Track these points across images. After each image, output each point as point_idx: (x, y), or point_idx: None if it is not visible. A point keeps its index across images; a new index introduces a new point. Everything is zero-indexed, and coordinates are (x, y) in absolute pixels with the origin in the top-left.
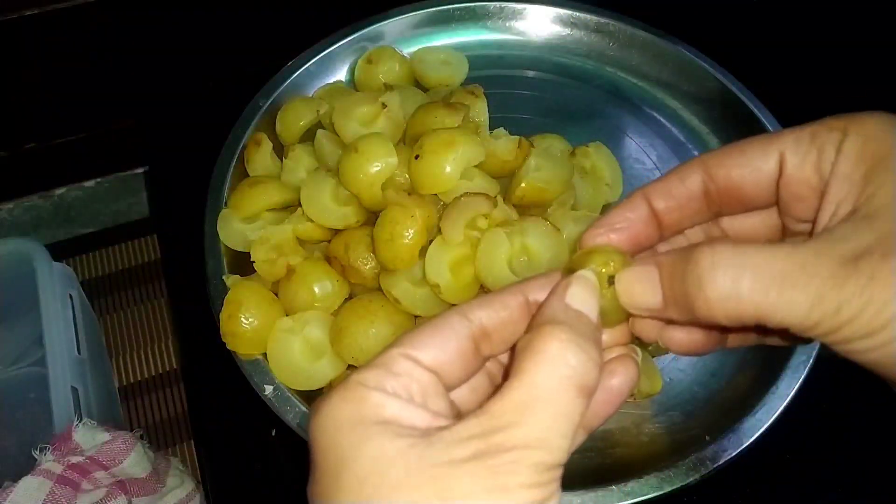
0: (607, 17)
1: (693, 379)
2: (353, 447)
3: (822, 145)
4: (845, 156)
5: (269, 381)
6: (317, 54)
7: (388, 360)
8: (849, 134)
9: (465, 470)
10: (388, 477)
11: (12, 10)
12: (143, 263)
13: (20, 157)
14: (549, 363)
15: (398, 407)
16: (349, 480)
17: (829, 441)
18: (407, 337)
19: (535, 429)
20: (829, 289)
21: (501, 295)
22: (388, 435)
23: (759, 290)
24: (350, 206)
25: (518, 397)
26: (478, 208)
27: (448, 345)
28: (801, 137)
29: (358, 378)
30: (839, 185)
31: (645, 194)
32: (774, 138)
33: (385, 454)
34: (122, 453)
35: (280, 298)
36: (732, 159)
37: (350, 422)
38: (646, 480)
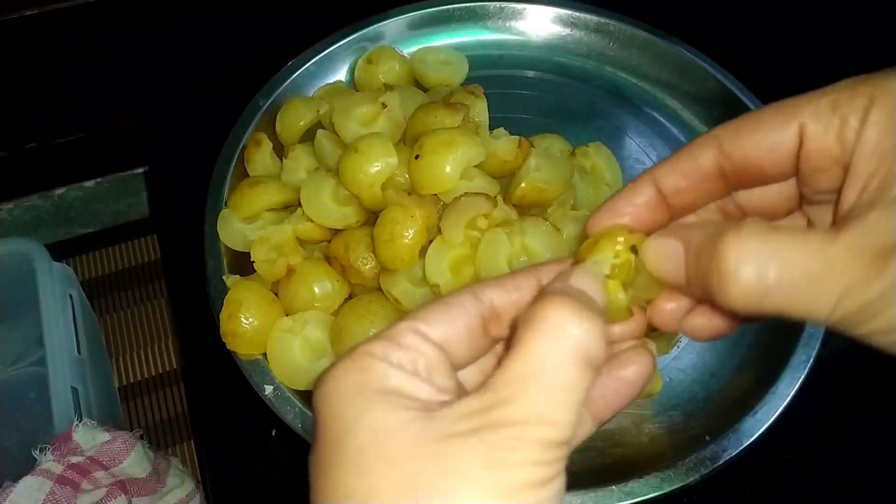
0: (607, 17)
1: (693, 379)
2: (355, 416)
3: (845, 114)
4: (872, 126)
5: (269, 381)
6: (317, 54)
7: (395, 333)
8: (876, 100)
9: (466, 445)
10: (387, 448)
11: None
12: (143, 263)
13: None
14: (550, 332)
15: (402, 378)
16: (349, 451)
17: (829, 441)
18: (417, 311)
19: (538, 402)
20: (857, 287)
21: (514, 277)
22: (389, 406)
23: (784, 289)
24: (350, 206)
25: (519, 369)
26: (478, 208)
27: (457, 322)
28: (822, 106)
29: (364, 348)
30: (867, 159)
31: (653, 177)
32: (792, 109)
33: (386, 425)
34: (122, 453)
35: (280, 298)
36: (747, 135)
37: (353, 390)
38: (646, 480)
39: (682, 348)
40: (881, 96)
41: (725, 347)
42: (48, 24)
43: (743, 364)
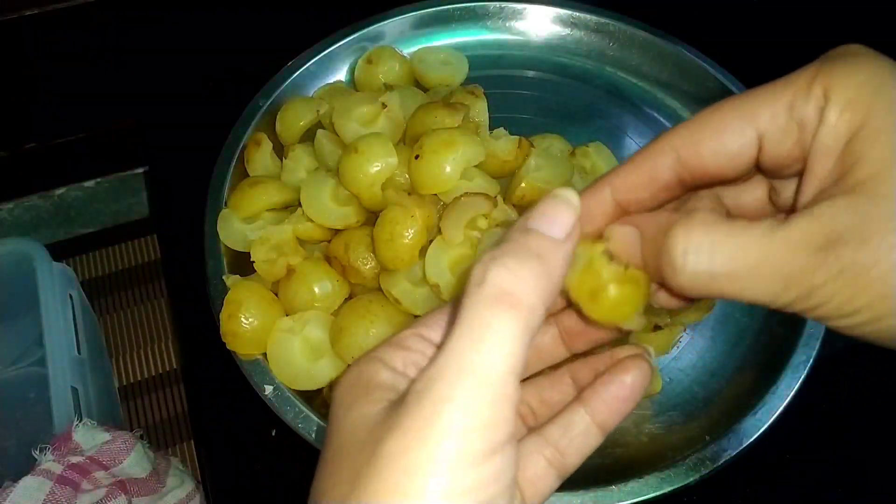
0: (607, 17)
1: (693, 379)
2: (343, 411)
3: (802, 118)
4: (827, 127)
5: (269, 381)
6: (317, 54)
7: (400, 339)
8: (830, 98)
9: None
10: (357, 436)
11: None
12: (143, 263)
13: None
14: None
15: (391, 375)
16: (336, 442)
17: (829, 441)
18: (420, 320)
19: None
20: (799, 277)
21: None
22: (372, 399)
23: (728, 277)
24: (350, 206)
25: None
26: (478, 208)
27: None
28: (779, 111)
29: (372, 352)
30: (822, 161)
31: (609, 187)
32: (749, 114)
33: (360, 414)
34: (122, 453)
35: (280, 298)
36: (705, 143)
37: (346, 387)
38: (646, 480)
39: (682, 348)
40: (836, 95)
41: (725, 347)
42: (48, 24)
43: (743, 364)
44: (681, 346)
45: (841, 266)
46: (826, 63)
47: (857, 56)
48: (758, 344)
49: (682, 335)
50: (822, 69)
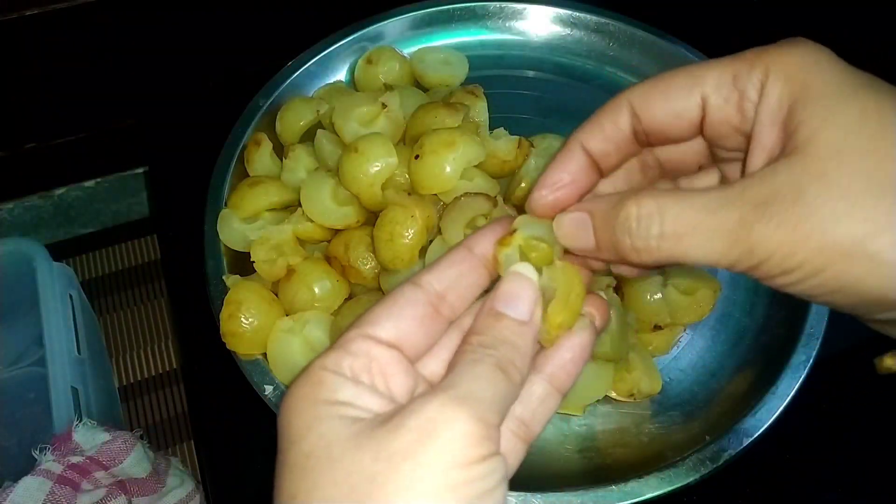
0: (607, 17)
1: (693, 379)
2: (306, 426)
3: (744, 87)
4: (768, 98)
5: (269, 381)
6: (317, 54)
7: (345, 342)
8: (770, 73)
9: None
10: (331, 451)
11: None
12: (143, 263)
13: (20, 157)
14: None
15: (352, 391)
16: (297, 456)
17: (829, 441)
18: (363, 316)
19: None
20: (740, 233)
21: (447, 256)
22: (337, 417)
23: (677, 236)
24: (350, 206)
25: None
26: (478, 208)
27: (405, 315)
28: (723, 79)
29: (318, 362)
30: (766, 131)
31: (581, 141)
32: (697, 79)
33: (332, 433)
34: (122, 453)
35: (280, 298)
36: (655, 101)
37: (305, 403)
38: (646, 480)
39: (682, 348)
40: (775, 68)
41: (725, 347)
42: (48, 24)
43: (743, 364)
44: (681, 346)
45: (778, 219)
46: (772, 48)
47: (799, 42)
48: (758, 344)
49: (682, 335)
50: (765, 50)
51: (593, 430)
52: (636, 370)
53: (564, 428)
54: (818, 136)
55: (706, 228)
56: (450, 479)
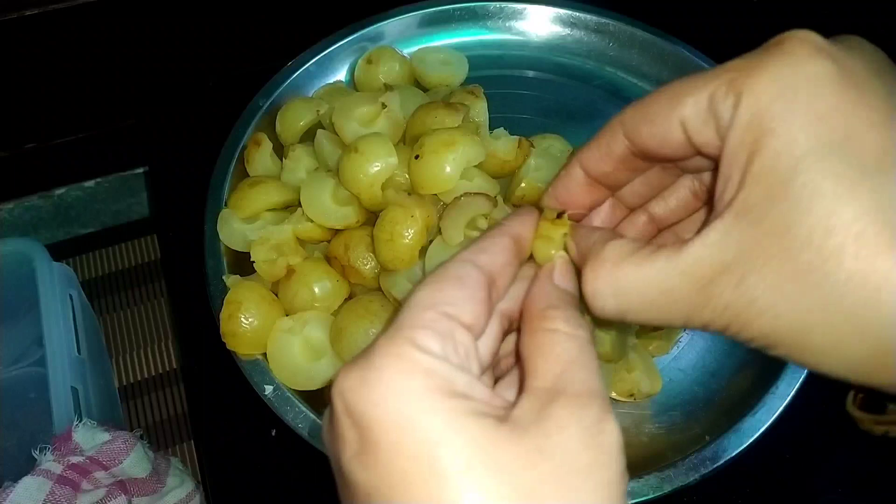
0: (607, 17)
1: (693, 379)
2: (440, 430)
3: (719, 113)
4: (735, 129)
5: (269, 381)
6: (317, 54)
7: (429, 321)
8: (741, 100)
9: (555, 440)
10: (489, 459)
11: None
12: (143, 263)
13: (20, 157)
14: (567, 338)
15: (463, 379)
16: (442, 466)
17: (829, 441)
18: (434, 295)
19: (582, 382)
20: (693, 311)
21: (495, 240)
22: (474, 415)
23: (634, 312)
24: (350, 206)
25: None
26: (478, 208)
27: (477, 297)
28: (700, 103)
29: (407, 337)
30: (727, 162)
31: (580, 162)
32: (675, 102)
33: (481, 435)
34: (122, 453)
35: (280, 298)
36: (641, 126)
37: (423, 398)
38: (646, 480)
39: (682, 348)
40: (747, 94)
41: (725, 347)
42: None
43: (743, 364)
44: (681, 346)
45: (724, 303)
46: (758, 57)
47: (792, 55)
48: None
49: (682, 335)
50: (749, 65)
51: None
52: (636, 370)
53: None
54: (766, 205)
55: (662, 307)
56: (613, 489)
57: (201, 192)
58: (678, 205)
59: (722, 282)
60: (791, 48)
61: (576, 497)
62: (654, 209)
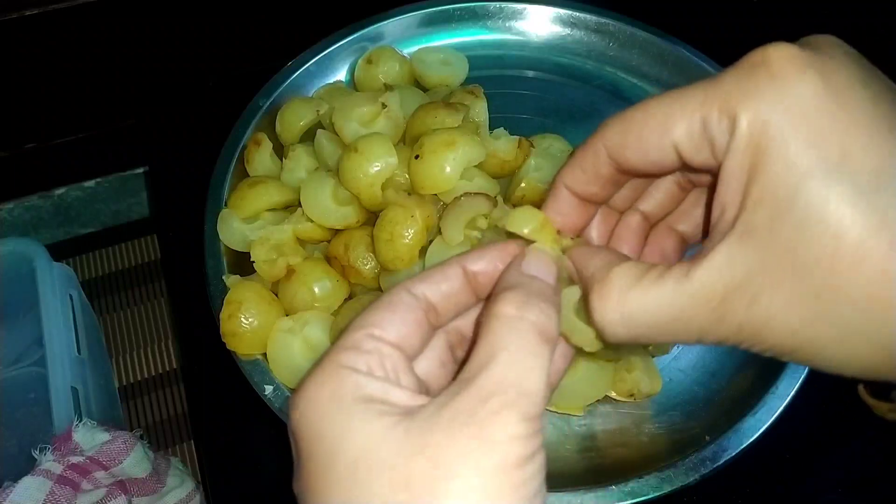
0: (607, 17)
1: (693, 379)
2: (340, 431)
3: (714, 136)
4: (732, 153)
5: (269, 381)
6: (317, 54)
7: (355, 341)
8: (738, 123)
9: (452, 432)
10: (378, 455)
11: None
12: (143, 263)
13: (20, 157)
14: (508, 322)
15: (377, 385)
16: (339, 466)
17: (829, 441)
18: (364, 318)
19: (509, 374)
20: (706, 331)
21: (441, 269)
22: (372, 413)
23: (645, 336)
24: (350, 206)
25: (485, 352)
26: (478, 208)
27: (406, 320)
28: (693, 126)
29: (332, 360)
30: (726, 184)
31: (564, 183)
32: (667, 127)
33: (373, 433)
34: (122, 453)
35: (280, 298)
36: (630, 151)
37: (332, 405)
38: (646, 480)
39: (682, 348)
40: (744, 115)
41: (725, 347)
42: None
43: (743, 364)
44: (681, 346)
45: (738, 322)
46: (746, 80)
47: (779, 77)
48: None
49: None
50: (739, 88)
51: (593, 430)
52: (636, 370)
53: (564, 428)
54: (774, 225)
55: (674, 331)
56: (504, 482)
57: (201, 192)
58: (665, 197)
59: (734, 301)
60: (779, 68)
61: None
62: (644, 207)
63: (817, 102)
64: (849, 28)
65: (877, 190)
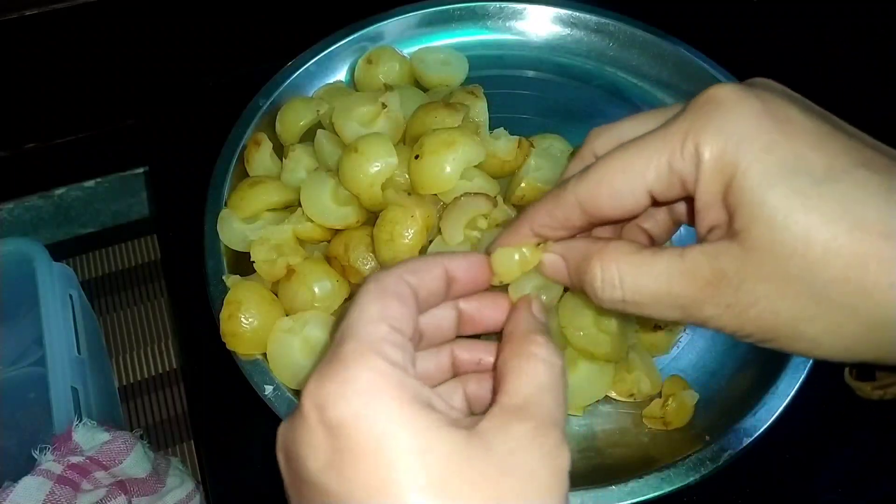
0: (607, 17)
1: (693, 379)
2: (418, 440)
3: (681, 174)
4: (703, 186)
5: (269, 381)
6: (317, 54)
7: (388, 335)
8: (702, 158)
9: (526, 458)
10: (470, 468)
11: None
12: (143, 263)
13: (20, 157)
14: (547, 365)
15: (428, 393)
16: (416, 469)
17: (829, 441)
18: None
19: (554, 408)
20: (694, 307)
21: (426, 265)
22: (444, 427)
23: (636, 304)
24: (350, 206)
25: (532, 385)
26: (478, 208)
27: (413, 315)
28: (661, 171)
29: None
30: (707, 210)
31: (532, 230)
32: (638, 177)
33: (454, 444)
34: (122, 453)
35: (280, 298)
36: (605, 203)
37: (401, 411)
38: (646, 480)
39: (682, 348)
40: (705, 150)
41: (725, 347)
42: (48, 24)
43: (743, 364)
44: (681, 346)
45: (726, 302)
46: (697, 116)
47: (724, 105)
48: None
49: (682, 335)
50: (693, 125)
51: (593, 430)
52: (636, 370)
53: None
54: (752, 228)
55: (663, 302)
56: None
57: (201, 192)
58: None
59: (722, 284)
60: (723, 100)
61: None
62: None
63: (763, 120)
64: (849, 28)
65: (833, 181)
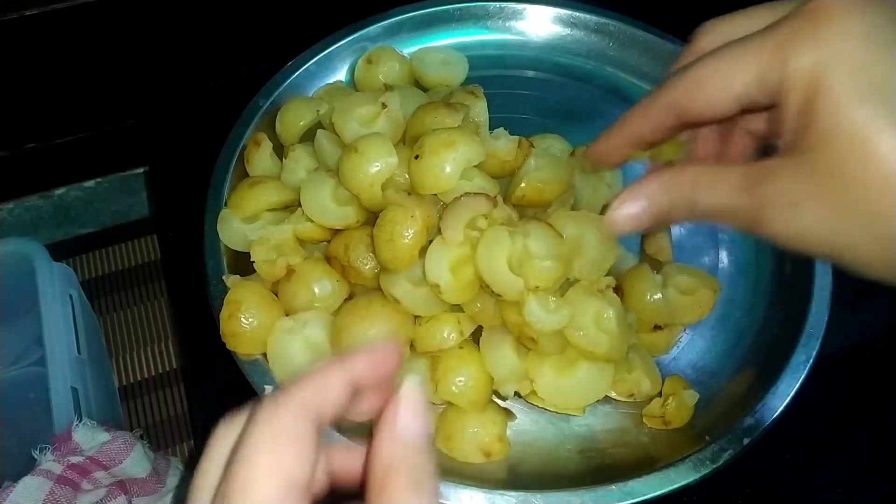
0: (607, 17)
1: (693, 379)
2: None
3: (769, 90)
4: (787, 93)
5: (269, 381)
6: (317, 54)
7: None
8: (788, 68)
9: None
10: None
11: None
12: (143, 263)
13: (20, 157)
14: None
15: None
16: None
17: (829, 441)
18: (277, 461)
19: None
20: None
21: (327, 379)
22: None
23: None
24: (350, 206)
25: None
26: (478, 208)
27: (312, 455)
28: (750, 83)
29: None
30: (782, 121)
31: (624, 136)
32: (728, 85)
33: None
34: (122, 453)
35: (280, 298)
36: (698, 106)
37: None
38: (646, 480)
39: (682, 348)
40: (793, 64)
41: (725, 347)
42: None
43: (743, 364)
44: (681, 346)
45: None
46: (798, 27)
47: (827, 16)
48: (758, 344)
49: (682, 335)
50: (791, 37)
51: (593, 430)
52: (636, 370)
53: (564, 428)
54: (821, 150)
55: (730, 213)
56: None
57: (201, 192)
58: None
59: (785, 201)
60: (827, 11)
61: None
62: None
63: (860, 38)
64: None
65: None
